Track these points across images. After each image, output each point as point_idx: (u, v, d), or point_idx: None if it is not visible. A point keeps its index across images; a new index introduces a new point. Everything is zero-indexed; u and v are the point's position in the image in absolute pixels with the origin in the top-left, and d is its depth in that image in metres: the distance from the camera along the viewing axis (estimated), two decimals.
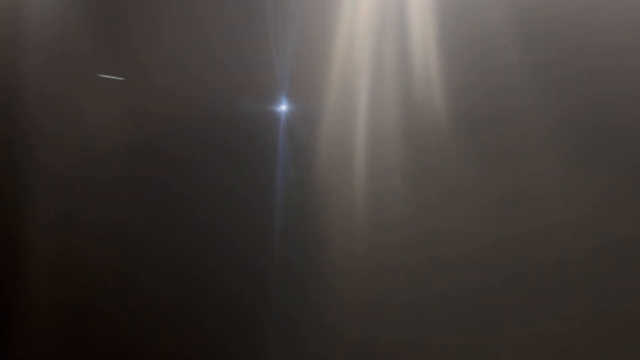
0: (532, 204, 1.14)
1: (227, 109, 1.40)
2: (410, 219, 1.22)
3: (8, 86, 1.65)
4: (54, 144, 1.61)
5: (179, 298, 1.45)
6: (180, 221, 1.46)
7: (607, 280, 1.09)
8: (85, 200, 1.56)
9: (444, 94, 1.19)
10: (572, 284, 1.11)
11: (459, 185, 1.19)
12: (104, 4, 1.54)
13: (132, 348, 1.50)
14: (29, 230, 1.63)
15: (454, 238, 1.19)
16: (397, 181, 1.23)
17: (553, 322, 1.13)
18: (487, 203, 1.17)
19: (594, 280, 1.10)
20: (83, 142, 1.57)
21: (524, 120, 1.14)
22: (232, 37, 1.39)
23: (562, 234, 1.12)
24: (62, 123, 1.60)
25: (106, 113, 1.53)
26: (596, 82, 1.10)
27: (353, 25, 1.28)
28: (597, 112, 1.10)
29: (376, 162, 1.25)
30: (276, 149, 1.35)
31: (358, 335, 1.26)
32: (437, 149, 1.20)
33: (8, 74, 1.65)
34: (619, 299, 1.08)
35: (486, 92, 1.17)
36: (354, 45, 1.28)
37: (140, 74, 1.50)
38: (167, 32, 1.46)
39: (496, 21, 1.16)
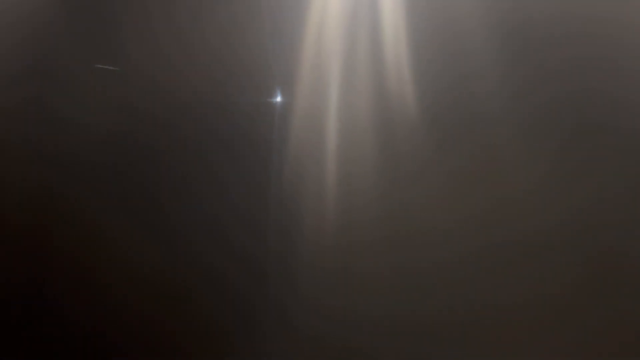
0: (493, 180, 1.18)
1: (201, 102, 1.44)
2: (380, 199, 1.26)
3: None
4: (38, 149, 1.66)
5: (174, 291, 1.51)
6: (171, 216, 1.51)
7: (570, 248, 1.13)
8: (81, 190, 1.60)
9: (414, 85, 1.22)
10: (531, 259, 1.15)
11: (425, 166, 1.23)
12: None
13: (127, 341, 1.56)
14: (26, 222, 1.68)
15: (421, 215, 1.23)
16: (368, 164, 1.27)
17: (518, 291, 1.16)
18: (451, 182, 1.20)
19: (557, 249, 1.14)
20: (79, 132, 1.61)
21: (494, 121, 1.17)
22: (207, 31, 1.43)
23: (524, 209, 1.16)
24: (48, 126, 1.65)
25: (96, 111, 1.57)
26: (567, 78, 1.13)
27: (324, 16, 1.31)
28: (565, 109, 1.13)
29: (347, 153, 1.29)
30: (249, 140, 1.39)
31: (334, 308, 1.31)
32: (406, 133, 1.24)
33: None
34: (581, 266, 1.13)
35: (455, 82, 1.20)
36: (325, 30, 1.31)
37: (131, 69, 1.54)
38: (153, 26, 1.50)
39: (467, 11, 1.18)
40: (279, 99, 1.35)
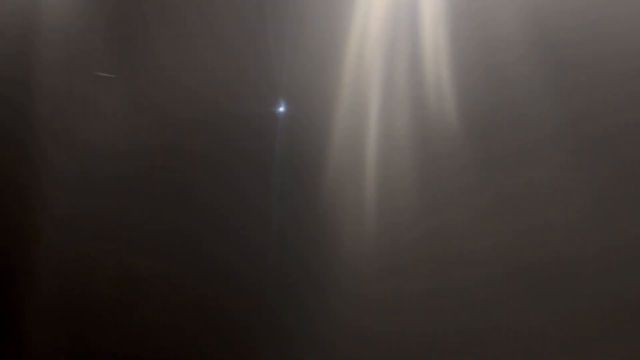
0: (535, 205, 1.19)
1: (241, 109, 1.42)
2: (418, 220, 1.26)
3: (22, 85, 1.66)
4: (66, 143, 1.62)
5: (191, 294, 1.47)
6: (188, 219, 1.48)
7: (604, 276, 1.14)
8: (95, 196, 1.57)
9: (454, 100, 1.23)
10: (571, 278, 1.16)
11: (467, 187, 1.23)
12: (119, 4, 1.55)
13: (139, 340, 1.52)
14: (40, 228, 1.64)
15: (460, 236, 1.22)
16: (407, 184, 1.27)
17: (553, 312, 1.17)
18: (493, 204, 1.21)
19: (591, 276, 1.15)
20: (94, 139, 1.58)
21: (532, 125, 1.19)
22: (248, 38, 1.41)
23: (562, 232, 1.17)
24: (74, 122, 1.61)
25: (116, 111, 1.55)
26: (600, 89, 1.14)
27: (365, 30, 1.31)
28: (601, 116, 1.14)
29: (386, 166, 1.29)
30: (287, 153, 1.37)
31: (368, 330, 1.30)
32: (447, 153, 1.24)
33: (22, 73, 1.66)
34: (615, 293, 1.13)
35: (496, 99, 1.21)
36: (365, 51, 1.31)
37: (153, 73, 1.51)
38: (184, 32, 1.48)
39: (507, 28, 1.20)
40: (318, 116, 1.34)
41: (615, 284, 1.14)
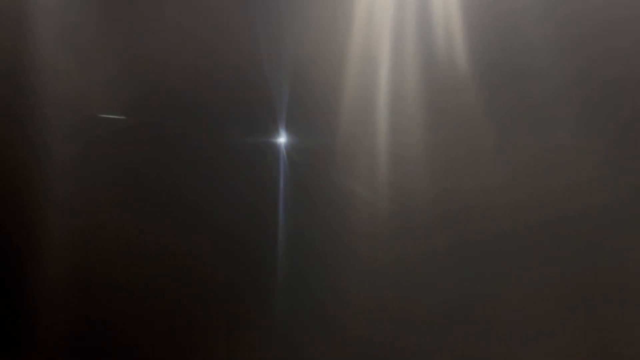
0: (548, 163, 1.16)
1: (246, 62, 1.39)
2: (432, 179, 1.23)
3: (14, 80, 1.63)
4: (64, 136, 1.59)
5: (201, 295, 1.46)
6: (194, 225, 1.46)
7: (608, 234, 1.12)
8: (98, 192, 1.54)
9: (464, 50, 1.21)
10: (580, 236, 1.14)
11: (480, 144, 1.21)
12: None
13: (145, 339, 1.50)
14: (44, 222, 1.62)
15: (475, 195, 1.20)
16: (419, 142, 1.24)
17: (564, 271, 1.15)
18: (507, 161, 1.19)
19: (597, 233, 1.13)
20: (92, 131, 1.55)
21: (543, 77, 1.16)
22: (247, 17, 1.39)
23: (577, 186, 1.15)
24: (70, 111, 1.58)
25: (114, 102, 1.52)
26: (612, 37, 1.12)
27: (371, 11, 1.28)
28: (611, 67, 1.12)
29: (398, 128, 1.27)
30: (295, 113, 1.35)
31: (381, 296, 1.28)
32: (458, 106, 1.22)
33: (14, 67, 1.63)
34: (618, 251, 1.12)
35: (507, 48, 1.19)
36: (374, 4, 1.28)
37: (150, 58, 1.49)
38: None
39: None
40: (330, 72, 1.31)
41: (629, 237, 1.12)
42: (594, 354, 1.15)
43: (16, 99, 1.62)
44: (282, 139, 1.38)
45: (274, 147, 1.39)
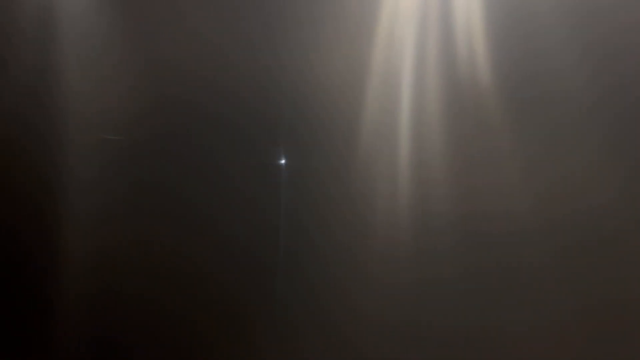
0: (575, 185, 1.13)
1: (264, 72, 1.38)
2: (454, 205, 1.21)
3: (41, 84, 1.66)
4: (86, 141, 1.61)
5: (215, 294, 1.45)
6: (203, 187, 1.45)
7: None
8: (114, 196, 1.55)
9: (487, 68, 1.18)
10: (609, 260, 1.11)
11: (504, 169, 1.18)
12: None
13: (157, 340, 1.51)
14: (62, 227, 1.63)
15: (500, 218, 1.17)
16: (442, 168, 1.22)
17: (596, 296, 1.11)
18: (533, 184, 1.16)
19: (628, 259, 1.09)
20: (110, 149, 1.57)
21: (572, 101, 1.13)
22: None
23: (603, 214, 1.11)
24: (90, 130, 1.60)
25: (131, 108, 1.53)
26: (631, 38, 1.09)
27: (396, 6, 1.26)
28: (630, 67, 1.10)
29: (420, 148, 1.24)
30: (316, 127, 1.33)
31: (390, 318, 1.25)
32: (482, 127, 1.19)
33: (41, 70, 1.66)
34: None
35: (532, 68, 1.16)
36: (396, 27, 1.26)
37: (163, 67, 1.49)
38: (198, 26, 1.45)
39: (546, 7, 1.14)
40: (351, 92, 1.30)
41: None
42: None
43: (39, 118, 1.64)
44: (299, 155, 1.37)
45: (291, 164, 1.37)
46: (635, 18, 1.09)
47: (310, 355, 1.34)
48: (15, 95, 1.67)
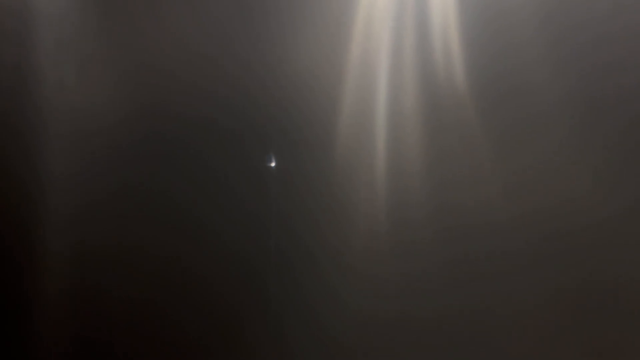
0: (547, 178, 1.16)
1: (247, 76, 1.38)
2: (430, 197, 1.23)
3: (15, 86, 1.64)
4: (65, 143, 1.59)
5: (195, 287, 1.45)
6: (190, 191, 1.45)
7: (609, 249, 1.12)
8: (98, 198, 1.54)
9: (463, 67, 1.20)
10: (580, 251, 1.14)
11: (478, 162, 1.20)
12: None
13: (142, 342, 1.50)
14: (42, 228, 1.62)
15: (474, 211, 1.20)
16: (417, 162, 1.24)
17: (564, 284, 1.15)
18: (505, 179, 1.18)
19: (598, 248, 1.13)
20: (95, 139, 1.55)
21: (541, 95, 1.16)
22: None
23: (574, 207, 1.14)
24: (73, 120, 1.59)
25: (117, 110, 1.52)
26: (608, 51, 1.12)
27: (371, 8, 1.28)
28: (608, 81, 1.12)
29: (396, 142, 1.26)
30: (293, 129, 1.34)
31: (377, 314, 1.27)
32: (456, 123, 1.21)
33: (14, 82, 1.64)
34: (618, 264, 1.13)
35: (503, 65, 1.18)
36: (373, 19, 1.27)
37: (149, 69, 1.49)
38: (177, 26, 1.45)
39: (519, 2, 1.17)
40: (326, 96, 1.31)
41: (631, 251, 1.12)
42: None
43: (16, 114, 1.62)
44: (278, 153, 1.38)
45: (269, 162, 1.38)
46: (618, 32, 1.11)
47: (299, 352, 1.35)
48: None
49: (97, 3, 1.54)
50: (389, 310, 1.27)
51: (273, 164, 1.39)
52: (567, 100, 1.14)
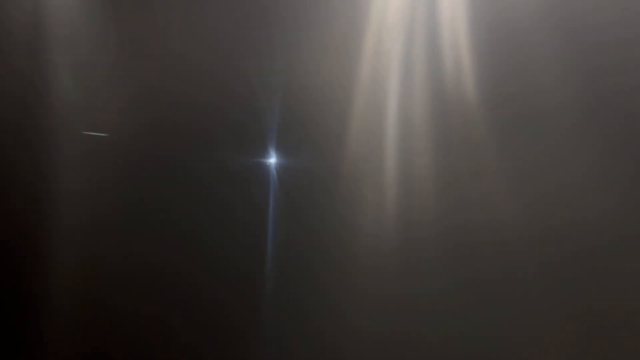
0: (562, 196, 1.13)
1: (252, 91, 1.38)
2: (439, 199, 1.20)
3: (32, 88, 1.65)
4: (78, 147, 1.61)
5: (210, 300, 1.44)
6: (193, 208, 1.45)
7: (623, 270, 1.08)
8: (108, 202, 1.55)
9: (472, 77, 1.19)
10: (594, 270, 1.10)
11: (486, 166, 1.18)
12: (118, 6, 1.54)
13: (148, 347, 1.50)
14: (53, 232, 1.63)
15: (485, 230, 1.17)
16: (429, 179, 1.22)
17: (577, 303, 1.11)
18: (520, 195, 1.16)
19: (609, 270, 1.09)
20: (102, 144, 1.56)
21: (555, 113, 1.13)
22: (263, 16, 1.38)
23: (589, 224, 1.11)
24: (79, 139, 1.60)
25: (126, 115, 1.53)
26: (610, 53, 1.10)
27: (384, 12, 1.26)
28: (614, 83, 1.10)
29: (407, 158, 1.24)
30: (302, 138, 1.33)
31: (382, 332, 1.25)
32: (468, 138, 1.19)
33: (31, 75, 1.65)
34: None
35: (511, 68, 1.17)
36: (384, 32, 1.26)
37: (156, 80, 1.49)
38: (178, 35, 1.46)
39: (528, 9, 1.14)
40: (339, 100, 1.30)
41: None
42: None
43: (30, 128, 1.64)
44: (285, 164, 1.36)
45: (269, 172, 1.37)
46: (623, 33, 1.09)
47: None
48: (4, 103, 1.66)
49: (105, 8, 1.55)
50: (394, 330, 1.24)
51: (279, 170, 1.38)
52: (584, 119, 1.11)
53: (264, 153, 1.38)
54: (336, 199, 1.30)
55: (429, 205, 1.22)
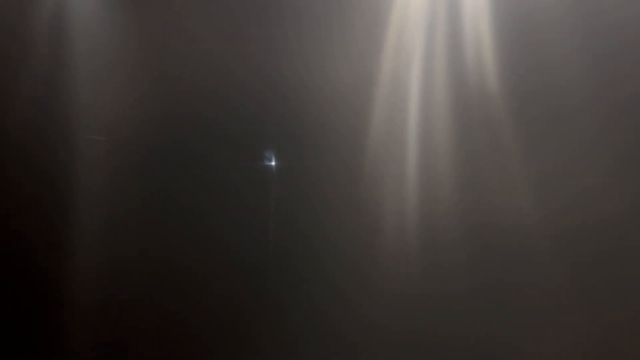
0: (586, 198, 1.12)
1: (271, 85, 1.38)
2: (461, 201, 1.20)
3: (51, 88, 1.67)
4: (98, 144, 1.62)
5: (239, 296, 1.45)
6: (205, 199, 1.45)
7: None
8: (127, 200, 1.56)
9: (493, 72, 1.18)
10: (619, 272, 1.10)
11: (508, 168, 1.17)
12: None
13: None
14: (70, 234, 1.64)
15: (509, 231, 1.16)
16: (450, 181, 1.22)
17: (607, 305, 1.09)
18: (543, 197, 1.15)
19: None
20: (119, 159, 1.58)
21: (579, 112, 1.13)
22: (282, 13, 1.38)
23: (613, 227, 1.10)
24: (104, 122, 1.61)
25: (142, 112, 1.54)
26: (632, 52, 1.09)
27: (405, 9, 1.26)
28: (632, 78, 1.09)
29: (428, 159, 1.24)
30: (324, 134, 1.33)
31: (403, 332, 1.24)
32: (490, 142, 1.18)
33: (52, 77, 1.67)
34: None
35: (533, 65, 1.17)
36: (405, 28, 1.26)
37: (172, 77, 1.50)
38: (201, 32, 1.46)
39: (549, 11, 1.14)
40: (360, 101, 1.30)
41: None
42: None
43: (50, 128, 1.66)
44: (306, 162, 1.36)
45: (292, 171, 1.37)
46: (626, 15, 1.08)
47: None
48: (26, 104, 1.69)
49: (125, 12, 1.56)
50: (415, 331, 1.24)
51: (295, 171, 1.38)
52: (608, 118, 1.11)
53: (283, 154, 1.38)
54: (356, 202, 1.29)
55: (451, 207, 1.21)
